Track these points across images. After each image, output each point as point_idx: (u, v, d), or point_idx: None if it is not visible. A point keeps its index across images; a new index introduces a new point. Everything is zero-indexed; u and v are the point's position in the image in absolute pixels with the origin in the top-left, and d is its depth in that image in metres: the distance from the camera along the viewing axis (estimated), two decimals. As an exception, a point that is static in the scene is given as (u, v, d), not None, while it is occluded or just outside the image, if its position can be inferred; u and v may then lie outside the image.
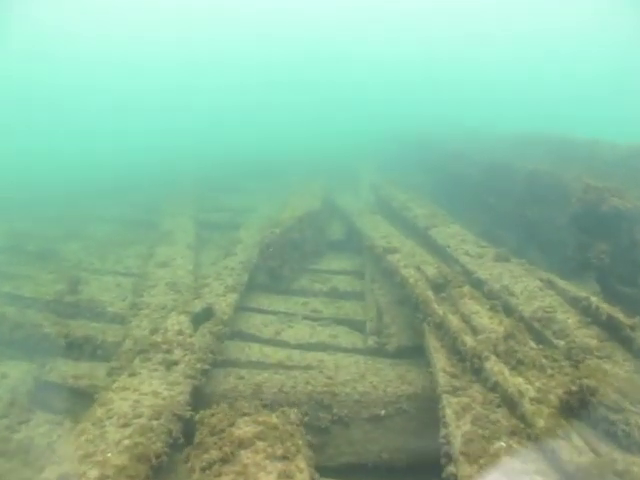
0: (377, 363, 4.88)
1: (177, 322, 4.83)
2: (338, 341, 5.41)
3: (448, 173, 10.29)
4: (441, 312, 4.44)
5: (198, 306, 5.17)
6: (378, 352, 5.21)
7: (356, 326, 5.81)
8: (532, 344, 4.03)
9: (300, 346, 5.30)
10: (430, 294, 4.79)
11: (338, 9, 59.79)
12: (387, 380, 4.43)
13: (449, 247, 6.17)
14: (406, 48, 55.89)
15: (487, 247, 6.11)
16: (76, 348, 5.10)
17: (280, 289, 6.60)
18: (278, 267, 6.56)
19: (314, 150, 18.93)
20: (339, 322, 5.89)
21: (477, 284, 5.26)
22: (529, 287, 4.98)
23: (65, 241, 8.96)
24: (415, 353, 5.05)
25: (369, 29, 58.52)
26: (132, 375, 3.92)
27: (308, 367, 4.76)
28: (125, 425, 3.28)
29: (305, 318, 5.93)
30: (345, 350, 5.26)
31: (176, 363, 4.09)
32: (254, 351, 5.06)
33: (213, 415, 3.46)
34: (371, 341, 5.33)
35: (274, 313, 6.02)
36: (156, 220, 9.37)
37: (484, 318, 4.37)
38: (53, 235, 9.37)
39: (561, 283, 5.07)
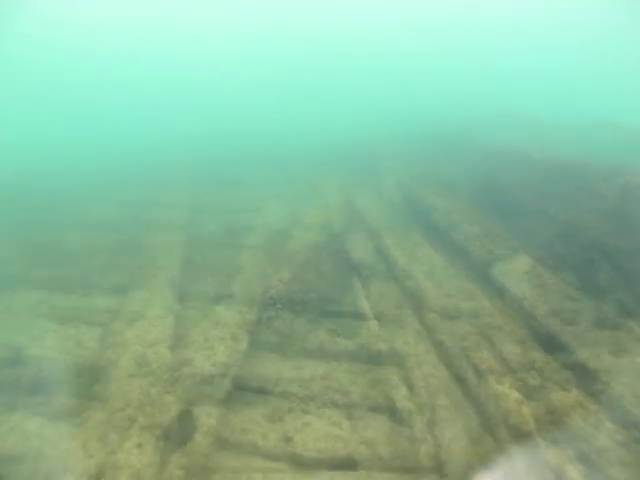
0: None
1: (137, 449, 3.21)
2: (377, 452, 3.76)
3: (498, 175, 8.35)
4: (554, 461, 2.74)
5: (171, 412, 3.54)
6: (434, 472, 3.59)
7: (398, 416, 4.16)
8: None
9: (320, 464, 3.67)
10: (531, 424, 3.06)
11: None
12: None
13: (526, 299, 4.43)
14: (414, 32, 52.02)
15: (580, 301, 4.35)
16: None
17: (291, 350, 4.94)
18: (288, 325, 4.87)
19: (324, 135, 16.96)
20: (374, 409, 4.24)
21: (578, 371, 3.56)
22: None
23: (30, 266, 7.36)
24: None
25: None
26: None
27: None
28: None
29: (325, 404, 4.29)
30: (388, 469, 3.63)
31: None
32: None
33: None
34: (423, 454, 3.68)
35: (282, 396, 4.38)
36: (141, 235, 7.73)
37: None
38: (18, 256, 7.77)
39: None
